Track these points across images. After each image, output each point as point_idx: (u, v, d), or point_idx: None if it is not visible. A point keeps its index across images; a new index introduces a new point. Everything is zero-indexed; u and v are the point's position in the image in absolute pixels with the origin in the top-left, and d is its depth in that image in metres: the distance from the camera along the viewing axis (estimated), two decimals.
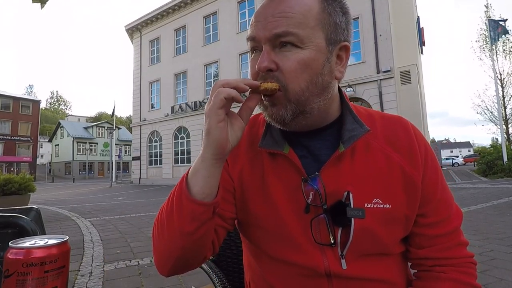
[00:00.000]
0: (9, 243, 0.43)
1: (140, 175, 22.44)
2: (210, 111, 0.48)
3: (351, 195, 0.53)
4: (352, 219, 0.52)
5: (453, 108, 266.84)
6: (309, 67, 0.53)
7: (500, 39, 15.66)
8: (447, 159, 38.78)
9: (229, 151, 0.51)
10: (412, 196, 0.56)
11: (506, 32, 14.89)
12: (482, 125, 38.04)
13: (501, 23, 14.80)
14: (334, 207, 0.54)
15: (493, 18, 22.20)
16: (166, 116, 20.90)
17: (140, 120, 22.84)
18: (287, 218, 0.56)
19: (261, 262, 0.63)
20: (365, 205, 0.54)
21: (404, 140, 0.59)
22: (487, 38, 15.56)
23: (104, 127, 47.26)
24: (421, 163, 0.58)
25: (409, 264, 0.64)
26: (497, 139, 28.57)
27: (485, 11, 23.09)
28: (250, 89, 0.51)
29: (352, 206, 0.53)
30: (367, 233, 0.53)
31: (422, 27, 20.73)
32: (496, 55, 22.20)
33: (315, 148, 0.59)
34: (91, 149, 46.89)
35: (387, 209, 0.54)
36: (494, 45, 17.48)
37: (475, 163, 21.63)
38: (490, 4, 23.23)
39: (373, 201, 0.54)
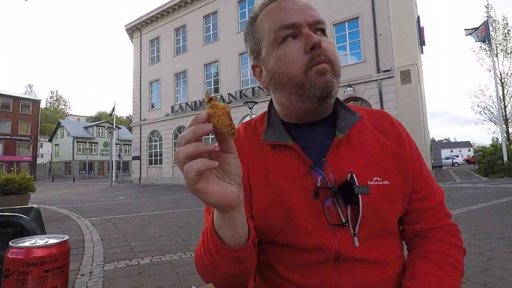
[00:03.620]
0: (9, 243, 0.43)
1: (140, 175, 22.44)
2: (190, 189, 0.41)
3: (354, 175, 0.58)
4: (359, 195, 0.56)
5: (453, 107, 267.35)
6: (336, 52, 0.62)
7: (480, 41, 15.92)
8: (447, 158, 38.76)
9: (241, 198, 0.46)
10: (405, 173, 0.62)
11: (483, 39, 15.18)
12: (482, 124, 37.89)
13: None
14: (341, 187, 0.58)
15: (494, 19, 22.27)
16: (166, 115, 20.90)
17: (140, 120, 22.84)
18: (296, 205, 0.59)
19: (268, 253, 0.63)
20: (368, 182, 0.58)
21: (389, 127, 0.67)
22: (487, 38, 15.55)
23: (104, 126, 47.23)
24: (407, 145, 0.65)
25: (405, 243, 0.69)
26: (497, 138, 28.59)
27: (485, 11, 23.10)
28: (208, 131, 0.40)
29: (357, 184, 0.57)
30: (374, 209, 0.58)
31: (422, 27, 20.73)
32: (497, 55, 22.21)
33: (316, 138, 0.64)
34: (91, 149, 46.89)
35: (386, 185, 0.60)
36: (494, 45, 17.46)
37: (475, 163, 21.65)
38: (491, 4, 23.20)
39: (374, 179, 0.59)
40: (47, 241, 0.44)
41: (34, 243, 0.43)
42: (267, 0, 0.65)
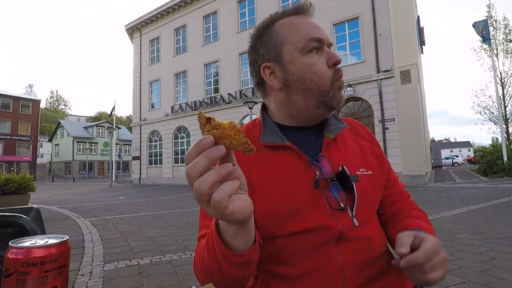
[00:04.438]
0: (9, 243, 0.43)
1: (140, 175, 22.44)
2: (221, 216, 0.41)
3: (345, 168, 0.68)
4: (353, 182, 0.66)
5: (454, 107, 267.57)
6: None
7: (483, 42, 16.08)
8: (447, 158, 38.80)
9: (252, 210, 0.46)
10: (381, 165, 0.76)
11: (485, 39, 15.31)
12: (482, 124, 37.74)
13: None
14: (338, 176, 0.67)
15: (496, 18, 22.28)
16: (166, 115, 20.89)
17: (140, 120, 22.84)
18: (298, 197, 0.64)
19: (269, 247, 0.65)
20: (357, 172, 0.69)
21: (363, 132, 0.81)
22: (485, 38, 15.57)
23: (104, 126, 47.22)
24: (379, 145, 0.81)
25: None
26: (497, 138, 28.58)
27: (487, 11, 23.12)
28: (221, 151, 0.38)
29: (349, 174, 0.67)
30: (364, 193, 0.68)
31: (422, 27, 20.74)
32: (497, 55, 22.22)
33: (310, 140, 0.73)
34: (91, 149, 46.88)
35: (370, 175, 0.71)
36: (494, 45, 17.44)
37: (475, 163, 21.65)
38: (493, 4, 23.23)
39: (360, 170, 0.70)
40: (47, 241, 0.44)
41: (34, 243, 0.43)
42: (290, 10, 0.71)
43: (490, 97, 23.01)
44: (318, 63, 0.67)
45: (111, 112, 30.81)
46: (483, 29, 15.08)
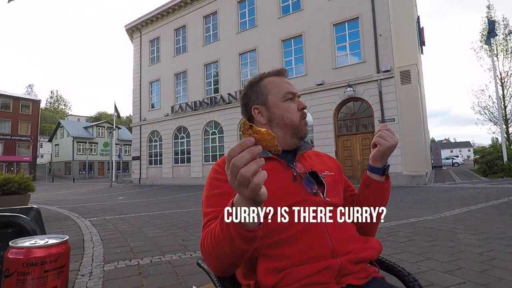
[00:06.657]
0: (9, 243, 0.43)
1: (140, 175, 22.43)
2: (255, 196, 0.56)
3: (314, 170, 0.94)
4: (322, 178, 0.92)
5: (455, 107, 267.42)
6: None
7: (493, 39, 16.08)
8: (447, 158, 38.81)
9: None
10: (339, 172, 1.03)
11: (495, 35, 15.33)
12: (482, 124, 37.56)
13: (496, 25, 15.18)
14: (311, 174, 0.93)
15: (493, 19, 22.30)
16: (166, 116, 20.89)
17: (140, 120, 22.83)
18: (283, 187, 0.87)
19: (264, 233, 0.76)
20: (323, 173, 0.96)
21: (323, 155, 1.10)
22: (485, 38, 15.58)
23: (104, 126, 47.20)
24: (336, 161, 1.10)
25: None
26: (497, 139, 28.54)
27: (487, 12, 23.12)
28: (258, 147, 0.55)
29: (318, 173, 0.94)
30: (330, 185, 0.94)
31: (422, 27, 20.73)
32: (497, 55, 22.21)
33: (287, 156, 0.97)
34: (91, 149, 46.84)
35: (333, 175, 0.98)
36: (494, 45, 17.42)
37: (475, 163, 21.65)
38: (492, 5, 23.24)
39: (325, 172, 0.97)
40: (47, 241, 0.44)
41: (34, 243, 0.43)
42: (273, 72, 1.01)
43: (490, 97, 23.01)
44: (292, 107, 0.97)
45: (116, 114, 30.35)
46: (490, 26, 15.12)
